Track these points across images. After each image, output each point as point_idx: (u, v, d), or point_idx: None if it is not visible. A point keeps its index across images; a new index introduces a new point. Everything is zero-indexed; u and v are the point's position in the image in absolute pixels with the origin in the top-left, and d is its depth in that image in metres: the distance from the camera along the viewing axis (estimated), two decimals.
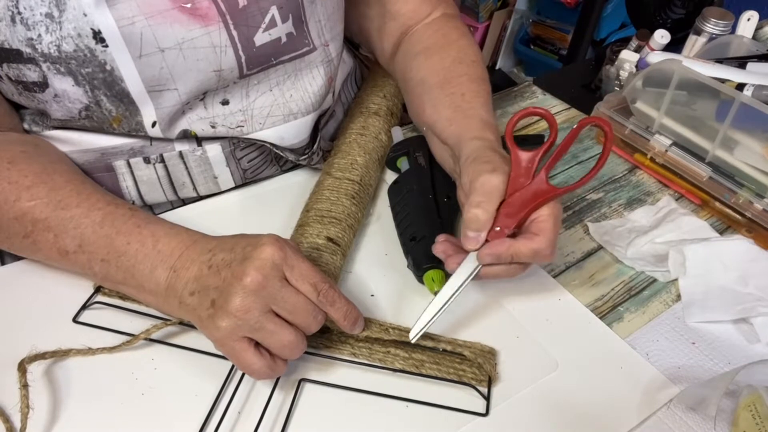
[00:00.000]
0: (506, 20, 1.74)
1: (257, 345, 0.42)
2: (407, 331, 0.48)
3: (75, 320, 0.49)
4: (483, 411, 0.45)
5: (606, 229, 0.61)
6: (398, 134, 0.67)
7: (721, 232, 0.62)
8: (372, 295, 0.53)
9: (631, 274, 0.57)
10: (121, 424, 0.43)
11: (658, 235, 0.59)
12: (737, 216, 0.62)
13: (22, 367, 0.43)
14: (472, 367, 0.47)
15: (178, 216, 0.61)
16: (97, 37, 0.46)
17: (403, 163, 0.63)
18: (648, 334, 0.52)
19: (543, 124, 0.78)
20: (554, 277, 0.56)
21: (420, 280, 0.54)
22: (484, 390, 0.46)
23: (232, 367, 0.47)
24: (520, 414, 0.45)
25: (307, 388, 0.46)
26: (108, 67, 0.48)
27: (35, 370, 0.46)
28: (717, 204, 0.63)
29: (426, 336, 0.48)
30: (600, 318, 0.53)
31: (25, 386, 0.42)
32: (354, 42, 0.80)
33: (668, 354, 0.50)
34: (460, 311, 0.52)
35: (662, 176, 0.69)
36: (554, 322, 0.52)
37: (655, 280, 0.57)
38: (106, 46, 0.47)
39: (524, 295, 0.54)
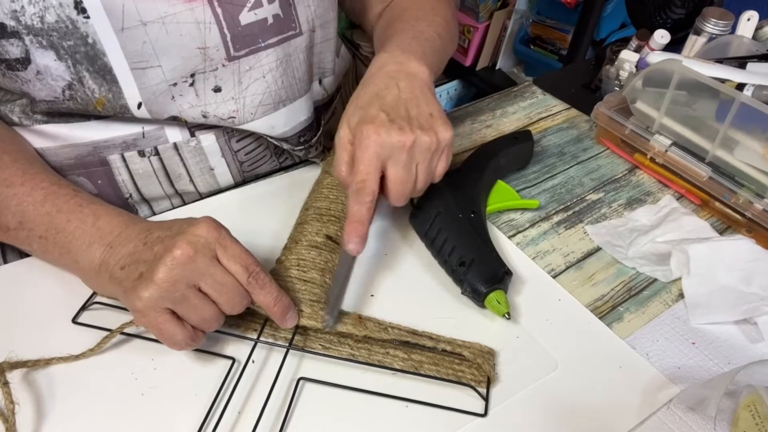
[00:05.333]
0: (506, 20, 1.74)
1: (178, 316, 0.43)
2: (407, 331, 0.48)
3: (74, 321, 0.49)
4: (482, 412, 0.45)
5: (607, 230, 0.61)
6: None
7: (721, 232, 0.62)
8: (372, 295, 0.53)
9: (631, 274, 0.57)
10: (121, 424, 0.43)
11: (659, 234, 0.59)
12: (737, 216, 0.62)
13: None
14: (471, 367, 0.47)
15: (178, 215, 0.60)
16: (79, 7, 0.46)
17: None
18: (648, 334, 0.52)
19: (544, 124, 0.78)
20: (554, 277, 0.56)
21: (481, 305, 0.51)
22: (483, 391, 0.46)
23: (231, 366, 0.46)
24: (519, 414, 0.45)
25: (306, 387, 0.46)
26: (90, 40, 0.48)
27: (34, 371, 0.46)
28: (717, 204, 0.63)
29: (425, 336, 0.48)
30: (600, 318, 0.53)
31: (5, 384, 0.42)
32: (354, 42, 0.80)
33: (668, 354, 0.50)
34: (460, 311, 0.52)
35: (662, 176, 0.68)
36: (554, 322, 0.52)
37: (655, 280, 0.57)
38: (88, 17, 0.47)
39: (524, 295, 0.54)
